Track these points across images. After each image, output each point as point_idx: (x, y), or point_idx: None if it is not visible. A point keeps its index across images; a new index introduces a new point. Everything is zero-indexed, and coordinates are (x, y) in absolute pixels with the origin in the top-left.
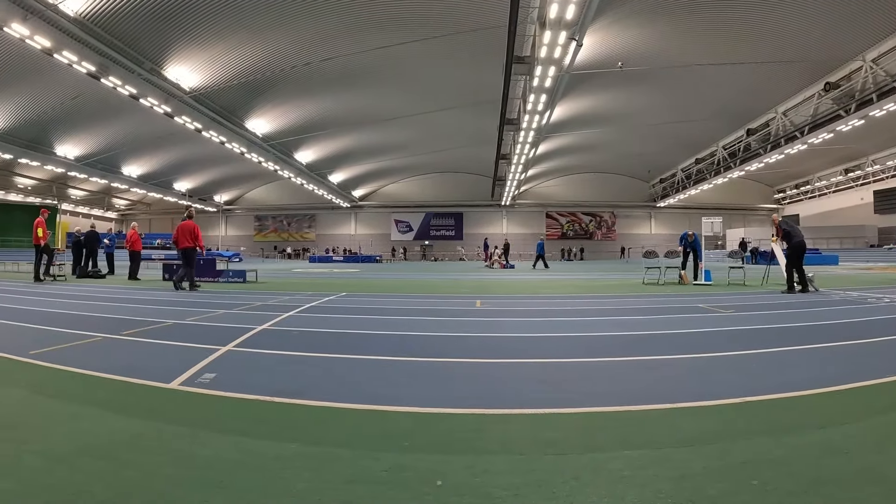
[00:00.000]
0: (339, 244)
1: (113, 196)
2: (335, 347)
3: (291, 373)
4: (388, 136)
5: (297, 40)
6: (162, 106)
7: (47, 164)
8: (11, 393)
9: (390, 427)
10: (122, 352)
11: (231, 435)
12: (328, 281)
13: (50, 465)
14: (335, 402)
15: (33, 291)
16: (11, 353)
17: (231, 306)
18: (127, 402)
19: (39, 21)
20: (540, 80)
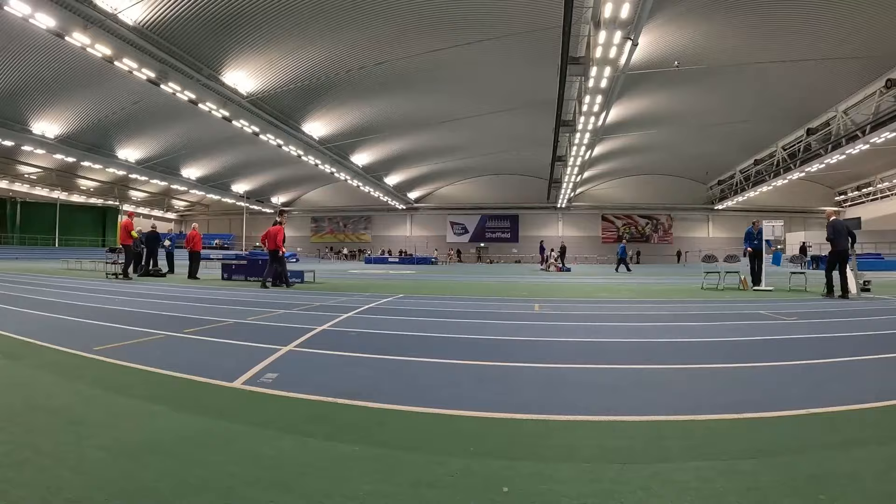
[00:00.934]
0: (394, 246)
1: (172, 197)
2: (395, 349)
3: (352, 374)
4: (443, 138)
5: (351, 45)
6: (220, 110)
7: (109, 167)
8: (77, 388)
9: (455, 431)
10: (185, 350)
11: (295, 435)
12: (385, 282)
13: (115, 459)
14: (397, 405)
15: (97, 289)
16: (77, 349)
17: (290, 306)
18: (191, 399)
19: (99, 30)
20: (595, 80)
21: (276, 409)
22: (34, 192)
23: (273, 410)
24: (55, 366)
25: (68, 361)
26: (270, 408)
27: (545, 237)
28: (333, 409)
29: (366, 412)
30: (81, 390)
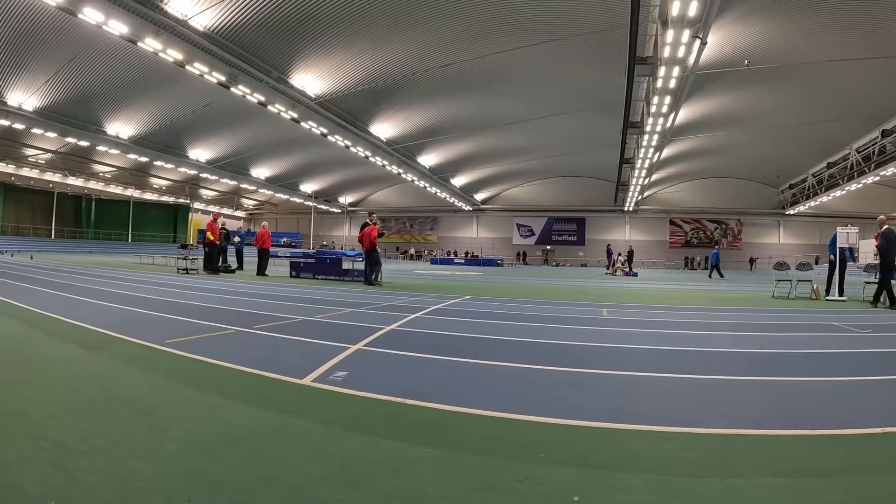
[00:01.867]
0: (460, 247)
1: (242, 196)
2: (463, 351)
3: (421, 375)
4: (510, 139)
5: (417, 47)
6: (289, 112)
7: (180, 167)
8: (151, 380)
9: (524, 436)
10: (255, 345)
11: (364, 434)
12: (451, 283)
13: (186, 452)
14: (466, 408)
15: (169, 283)
16: (150, 342)
17: (358, 305)
18: (262, 395)
19: (171, 36)
20: (664, 81)
21: (346, 408)
22: (108, 189)
23: (343, 409)
24: (130, 357)
25: (142, 353)
26: (340, 406)
27: (612, 240)
28: (403, 410)
29: (435, 414)
30: (155, 382)
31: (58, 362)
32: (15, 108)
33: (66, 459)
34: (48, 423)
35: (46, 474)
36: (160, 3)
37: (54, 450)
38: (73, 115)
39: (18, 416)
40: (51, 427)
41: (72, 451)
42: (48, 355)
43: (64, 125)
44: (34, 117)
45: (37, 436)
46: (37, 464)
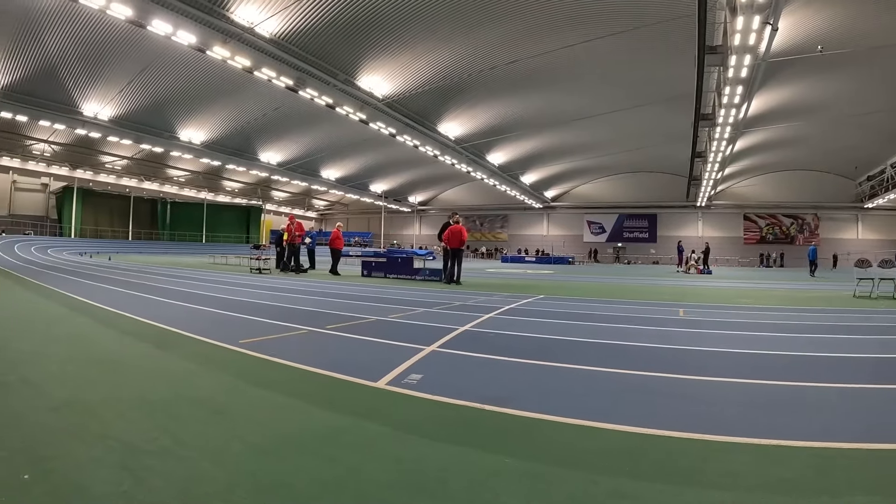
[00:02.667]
0: (530, 245)
1: (313, 197)
2: (539, 354)
3: (497, 378)
4: (578, 136)
5: (482, 45)
6: (357, 113)
7: (252, 169)
8: (222, 380)
9: (606, 446)
10: (328, 346)
11: (439, 441)
12: (523, 282)
13: (255, 454)
14: (544, 414)
15: (242, 283)
16: (223, 342)
17: (431, 305)
18: (334, 398)
19: (238, 43)
20: (735, 70)
21: (420, 412)
22: (182, 192)
23: (417, 413)
24: (203, 357)
25: (215, 353)
26: (414, 410)
27: (684, 237)
28: (479, 415)
29: (512, 420)
30: (226, 382)
31: (132, 361)
32: (91, 118)
33: (134, 460)
34: (119, 422)
35: (116, 475)
36: (226, 13)
37: (124, 450)
38: (146, 122)
39: (91, 416)
40: (121, 427)
41: (141, 452)
42: (123, 354)
43: (138, 132)
44: (110, 126)
45: (107, 436)
46: (107, 465)
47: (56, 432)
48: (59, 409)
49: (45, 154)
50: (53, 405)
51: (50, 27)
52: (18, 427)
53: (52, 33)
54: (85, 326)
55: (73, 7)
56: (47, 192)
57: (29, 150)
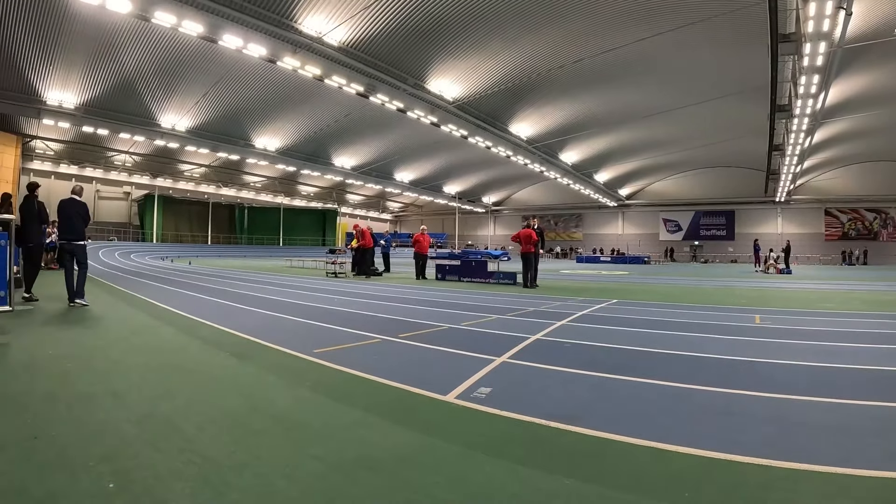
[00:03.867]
0: (605, 244)
1: (387, 200)
2: (611, 366)
3: (567, 393)
4: (651, 132)
5: (550, 44)
6: (428, 117)
7: (326, 174)
8: (297, 392)
9: (671, 471)
10: (400, 356)
11: (506, 460)
12: (598, 285)
13: (328, 471)
14: (613, 434)
15: (318, 287)
16: (299, 351)
17: (503, 311)
18: (405, 412)
19: (308, 53)
20: (809, 58)
21: (489, 429)
22: (259, 198)
23: (485, 430)
24: (278, 367)
25: (290, 364)
26: (483, 427)
27: (763, 234)
28: (548, 434)
29: (581, 440)
30: (301, 395)
31: (210, 371)
32: (169, 130)
33: (213, 474)
34: (198, 435)
35: (195, 488)
36: (294, 24)
37: (203, 464)
38: (222, 131)
39: (172, 428)
40: (200, 440)
41: (219, 466)
42: (202, 363)
43: (215, 141)
44: (187, 136)
45: (187, 448)
46: (186, 477)
47: (138, 443)
48: (141, 420)
49: (127, 164)
50: (135, 417)
51: (126, 46)
52: (103, 438)
53: (128, 51)
54: (166, 335)
55: (147, 26)
56: (129, 199)
57: (111, 160)
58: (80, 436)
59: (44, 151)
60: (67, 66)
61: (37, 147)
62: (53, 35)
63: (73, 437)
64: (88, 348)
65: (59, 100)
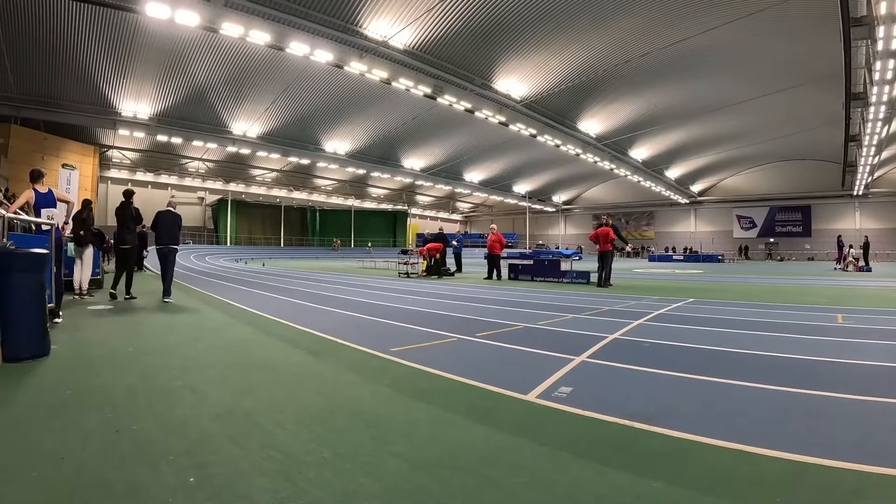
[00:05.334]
0: (678, 242)
1: (457, 200)
2: (690, 365)
3: (648, 393)
4: (723, 125)
5: (617, 38)
6: (496, 116)
7: (396, 176)
8: (376, 390)
9: (759, 475)
10: (478, 355)
11: (590, 461)
12: (672, 284)
13: (412, 470)
14: (697, 435)
15: (391, 287)
16: (375, 349)
17: (578, 310)
18: (486, 411)
19: (374, 57)
20: (884, 42)
21: (572, 430)
22: (331, 200)
23: (568, 430)
24: (355, 365)
25: (367, 362)
26: (565, 427)
27: (841, 230)
28: (631, 435)
29: (665, 441)
30: (379, 392)
31: (288, 369)
32: (240, 136)
33: (294, 470)
34: (278, 431)
35: (276, 484)
36: (359, 29)
37: (283, 460)
38: (292, 136)
39: (252, 424)
40: (280, 436)
41: (300, 463)
42: (280, 361)
43: (285, 147)
44: (258, 142)
45: (267, 444)
46: (267, 473)
47: (218, 439)
48: (221, 416)
49: (200, 171)
50: (216, 412)
51: (196, 57)
52: (184, 432)
53: (198, 62)
54: (243, 333)
55: (215, 37)
56: (203, 204)
57: (185, 167)
58: (161, 430)
59: (120, 160)
60: (140, 78)
61: (113, 156)
62: (126, 50)
63: (153, 432)
64: (168, 345)
65: (134, 111)
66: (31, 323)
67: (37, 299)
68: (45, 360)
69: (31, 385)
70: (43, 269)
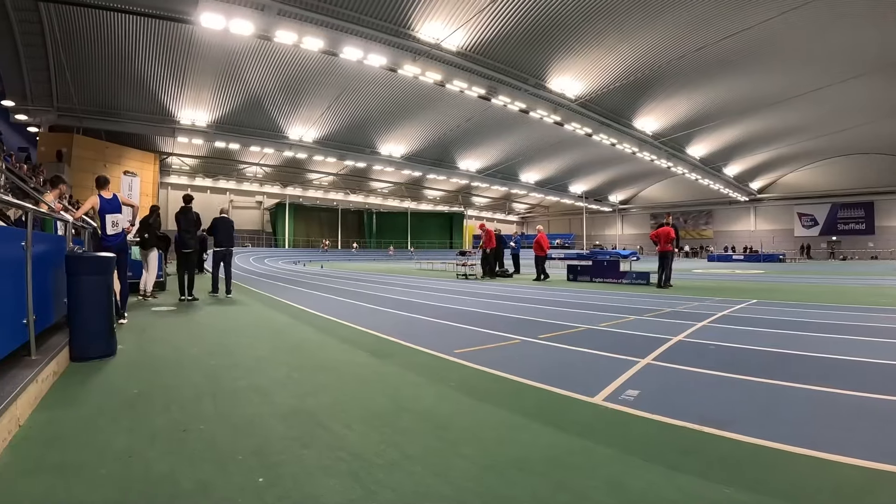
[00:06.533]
0: (737, 241)
1: (513, 201)
2: (759, 369)
3: (716, 397)
4: (782, 119)
5: (668, 33)
6: (551, 116)
7: (452, 178)
8: (442, 392)
9: (834, 482)
10: (542, 357)
11: (660, 466)
12: (734, 284)
13: (481, 472)
14: (768, 440)
15: (449, 289)
16: (438, 351)
17: (640, 311)
18: (553, 413)
19: (427, 59)
20: None
21: (641, 433)
22: (387, 203)
23: (637, 434)
24: (420, 367)
25: (431, 363)
26: (634, 431)
27: None
28: (701, 439)
29: (735, 446)
30: (446, 394)
31: (352, 370)
32: (296, 141)
33: (363, 471)
34: (346, 432)
35: (345, 485)
36: (411, 32)
37: (351, 461)
38: (348, 140)
39: (318, 425)
40: (348, 437)
41: (369, 464)
42: (343, 362)
43: (341, 150)
44: (314, 147)
45: (335, 445)
46: (336, 474)
47: (285, 439)
48: (287, 416)
49: (258, 175)
50: (282, 413)
51: (251, 65)
52: (251, 433)
53: (253, 70)
54: (305, 334)
55: (269, 45)
56: (261, 208)
57: (243, 172)
58: (228, 430)
59: (180, 166)
60: (198, 87)
61: (173, 163)
62: (183, 60)
63: (220, 431)
64: (231, 345)
65: (192, 119)
66: (98, 324)
67: (103, 301)
68: (111, 359)
69: (99, 384)
70: (109, 273)
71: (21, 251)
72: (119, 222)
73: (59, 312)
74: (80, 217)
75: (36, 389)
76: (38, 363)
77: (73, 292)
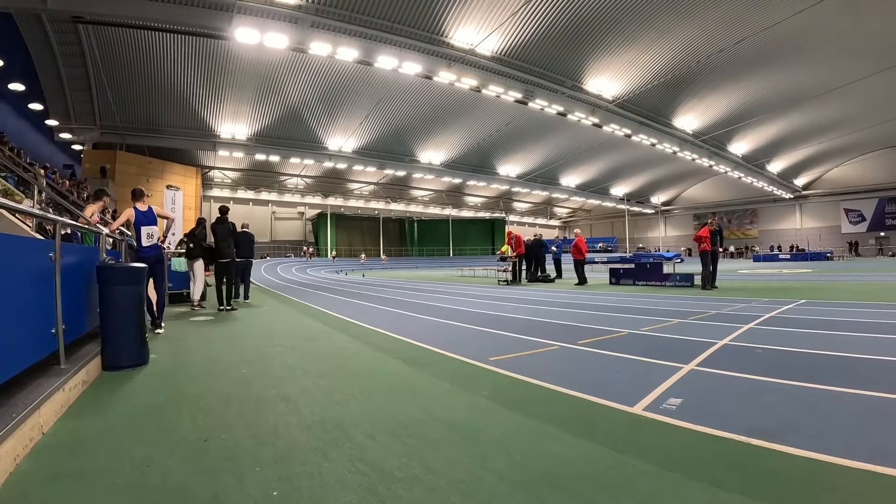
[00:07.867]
0: (783, 240)
1: (554, 206)
2: (809, 374)
3: (764, 405)
4: (824, 112)
5: (704, 28)
6: (589, 118)
7: (492, 184)
8: (473, 401)
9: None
10: (581, 364)
11: (703, 483)
12: (781, 284)
13: (509, 488)
14: (823, 454)
15: (490, 295)
16: (473, 359)
17: (684, 315)
18: (589, 424)
19: (462, 65)
20: None
21: (682, 446)
22: (428, 210)
23: (678, 446)
24: (452, 375)
25: (465, 371)
26: (675, 443)
27: None
28: (746, 452)
29: (787, 460)
30: (477, 403)
31: (384, 378)
32: (336, 152)
33: (382, 486)
34: (369, 443)
35: (361, 500)
36: (445, 39)
37: (371, 474)
38: (387, 149)
39: (343, 435)
40: (371, 448)
41: (388, 478)
42: (375, 370)
43: (381, 160)
44: (353, 157)
45: (356, 457)
46: (353, 487)
47: (307, 450)
48: (312, 426)
49: (299, 186)
50: (307, 422)
51: (288, 78)
52: (273, 442)
53: (290, 83)
54: (340, 342)
55: (304, 57)
56: (303, 219)
57: (284, 184)
58: (251, 439)
59: (221, 180)
60: (236, 101)
61: (215, 176)
62: (221, 75)
63: (243, 441)
64: (265, 354)
65: (232, 132)
66: (129, 333)
67: (135, 311)
68: (143, 368)
69: (127, 393)
70: (141, 283)
71: (49, 262)
72: (154, 234)
73: (92, 322)
74: (117, 228)
75: (63, 398)
76: (65, 372)
77: (105, 302)
